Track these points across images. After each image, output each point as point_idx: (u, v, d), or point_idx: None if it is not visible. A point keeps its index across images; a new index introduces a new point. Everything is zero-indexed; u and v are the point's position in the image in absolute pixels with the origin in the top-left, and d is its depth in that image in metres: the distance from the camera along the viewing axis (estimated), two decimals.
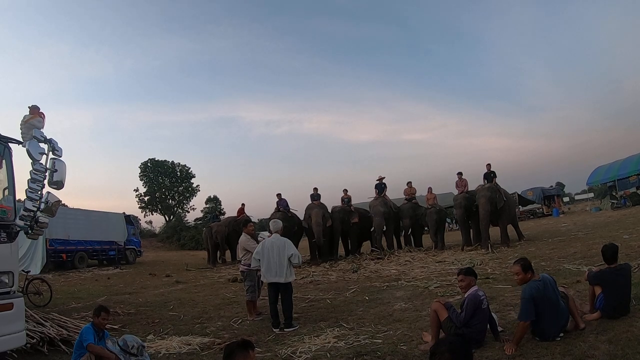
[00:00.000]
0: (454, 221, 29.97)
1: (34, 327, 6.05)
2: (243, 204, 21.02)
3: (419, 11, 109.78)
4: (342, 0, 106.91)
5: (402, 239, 18.02)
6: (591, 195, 53.14)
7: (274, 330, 6.47)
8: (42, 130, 5.90)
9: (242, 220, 12.71)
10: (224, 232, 20.43)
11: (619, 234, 12.56)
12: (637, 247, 9.13)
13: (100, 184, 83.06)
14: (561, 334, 4.42)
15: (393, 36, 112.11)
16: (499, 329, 4.88)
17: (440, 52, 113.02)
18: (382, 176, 17.81)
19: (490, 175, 15.82)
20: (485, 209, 14.62)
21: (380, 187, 17.58)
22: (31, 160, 5.25)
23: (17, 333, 4.82)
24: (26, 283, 9.51)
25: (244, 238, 7.87)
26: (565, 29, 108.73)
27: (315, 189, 17.49)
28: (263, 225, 23.06)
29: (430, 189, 18.06)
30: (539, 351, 4.17)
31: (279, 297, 6.76)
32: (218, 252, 21.59)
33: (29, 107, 7.18)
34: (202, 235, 23.93)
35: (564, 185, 69.05)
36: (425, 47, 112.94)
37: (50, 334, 6.00)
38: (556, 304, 4.46)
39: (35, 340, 5.68)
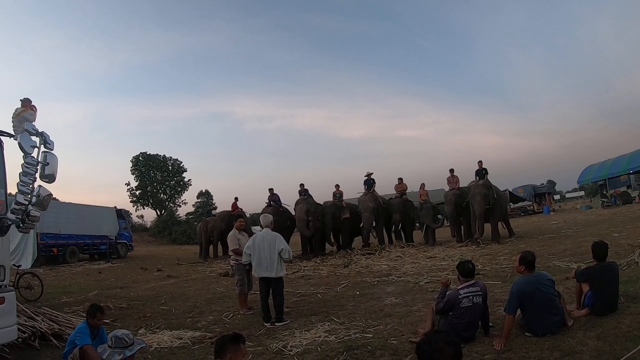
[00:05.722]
0: (444, 217, 30.13)
1: (26, 321, 6.03)
2: (236, 198, 21.00)
3: (412, 7, 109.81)
4: None
5: (393, 234, 18.11)
6: (582, 193, 53.60)
7: (265, 324, 6.51)
8: (33, 123, 5.87)
9: (235, 215, 12.74)
10: (220, 227, 20.39)
11: (609, 232, 12.68)
12: (627, 245, 9.20)
13: (91, 178, 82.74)
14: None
15: (387, 32, 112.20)
16: (489, 324, 4.93)
17: (435, 48, 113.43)
18: (370, 172, 17.87)
19: (482, 172, 15.92)
20: (480, 206, 14.69)
21: (369, 182, 17.62)
22: (23, 154, 5.23)
23: (9, 327, 4.82)
24: (17, 277, 9.46)
25: (231, 233, 7.94)
26: (558, 28, 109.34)
27: (302, 185, 17.53)
28: (255, 220, 23.01)
29: (422, 185, 18.18)
30: (528, 346, 4.22)
31: (270, 291, 6.78)
32: (211, 246, 21.59)
33: (20, 100, 7.14)
34: (196, 229, 23.87)
35: (555, 183, 69.62)
36: (419, 43, 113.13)
37: (42, 329, 6.00)
38: (549, 301, 4.50)
39: (26, 335, 5.68)
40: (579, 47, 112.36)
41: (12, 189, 5.48)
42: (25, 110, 6.91)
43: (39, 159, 5.29)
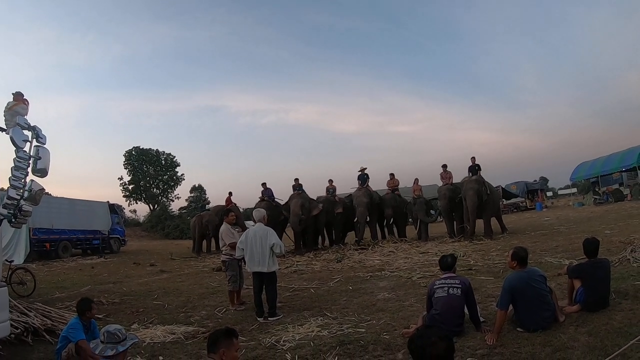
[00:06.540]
0: (438, 213, 30.26)
1: (18, 317, 6.01)
2: (230, 193, 20.97)
3: (407, 3, 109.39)
4: None
5: (386, 229, 18.14)
6: (574, 190, 53.72)
7: (258, 319, 6.52)
8: (25, 117, 5.82)
9: (227, 209, 12.72)
10: (215, 222, 20.32)
11: (601, 229, 12.78)
12: (618, 243, 9.29)
13: (84, 173, 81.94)
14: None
15: (381, 28, 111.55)
16: (481, 319, 4.97)
17: (428, 45, 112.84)
18: (364, 167, 17.92)
19: (475, 168, 16.00)
20: (473, 201, 14.75)
21: (363, 177, 17.65)
22: (15, 148, 5.19)
23: (2, 323, 4.79)
24: (10, 273, 9.40)
25: (224, 227, 7.93)
26: (553, 26, 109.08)
27: (296, 180, 17.44)
28: (248, 214, 22.98)
29: (416, 180, 18.20)
30: (520, 342, 4.27)
31: (263, 286, 6.80)
32: (204, 241, 21.54)
33: (12, 93, 7.07)
34: (190, 224, 23.81)
35: (548, 180, 69.73)
36: (413, 39, 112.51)
37: (35, 324, 5.98)
38: (541, 296, 4.54)
39: (19, 331, 5.66)
40: (573, 45, 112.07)
41: (4, 183, 5.45)
42: (17, 104, 6.84)
43: (31, 153, 5.26)
